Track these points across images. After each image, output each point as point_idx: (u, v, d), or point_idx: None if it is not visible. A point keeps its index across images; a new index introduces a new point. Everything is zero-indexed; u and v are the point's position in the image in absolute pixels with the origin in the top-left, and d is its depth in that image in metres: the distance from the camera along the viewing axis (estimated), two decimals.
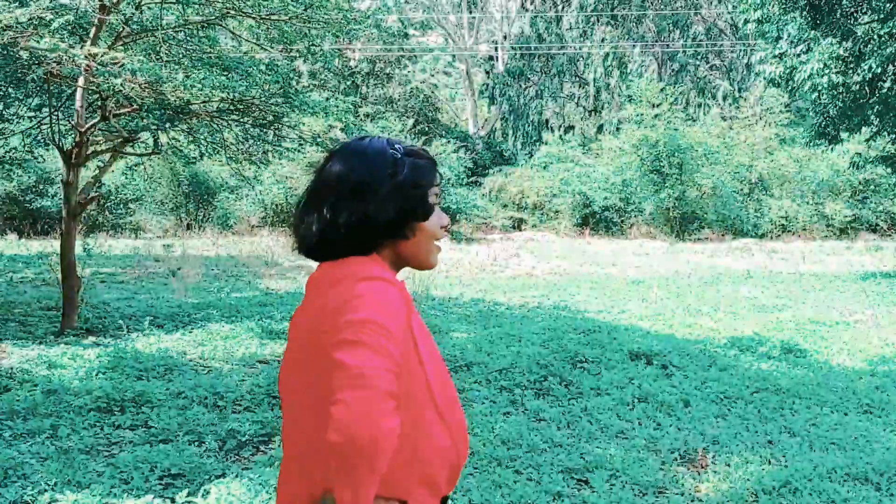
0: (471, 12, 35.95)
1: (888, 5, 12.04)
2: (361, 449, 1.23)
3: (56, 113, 7.78)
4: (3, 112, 8.22)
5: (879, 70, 12.00)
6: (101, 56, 5.81)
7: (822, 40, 12.09)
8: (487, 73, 36.32)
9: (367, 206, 1.43)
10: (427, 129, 30.62)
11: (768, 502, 3.72)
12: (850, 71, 12.15)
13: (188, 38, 7.66)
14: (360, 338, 1.30)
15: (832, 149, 21.06)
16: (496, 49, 35.71)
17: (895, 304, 10.01)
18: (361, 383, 1.26)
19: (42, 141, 8.88)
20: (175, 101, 6.58)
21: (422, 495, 1.43)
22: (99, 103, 7.33)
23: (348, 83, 28.91)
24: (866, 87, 12.53)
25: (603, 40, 32.53)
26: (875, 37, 12.16)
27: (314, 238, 1.48)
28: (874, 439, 4.57)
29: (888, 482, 3.91)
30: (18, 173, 16.59)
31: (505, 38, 35.18)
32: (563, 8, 33.97)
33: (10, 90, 7.64)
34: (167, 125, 7.12)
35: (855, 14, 12.94)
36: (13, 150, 9.76)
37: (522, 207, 26.71)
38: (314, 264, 1.54)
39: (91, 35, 6.53)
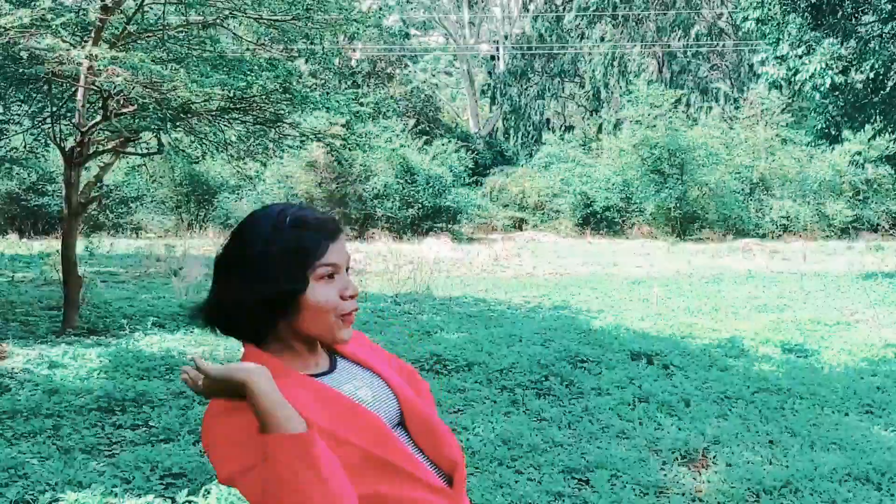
0: (471, 9, 35.94)
1: (889, 6, 12.03)
2: None
3: (57, 113, 7.79)
4: (4, 112, 8.24)
5: (882, 70, 11.99)
6: (103, 56, 5.82)
7: (824, 40, 12.08)
8: (489, 72, 36.33)
9: (235, 285, 1.38)
10: (428, 128, 30.64)
11: (769, 502, 3.72)
12: (853, 70, 12.14)
13: (189, 37, 7.67)
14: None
15: (833, 149, 21.04)
16: (497, 49, 35.72)
17: None
18: None
19: (43, 140, 8.90)
20: (176, 100, 6.58)
21: None
22: (100, 103, 7.34)
23: (349, 83, 28.92)
24: (869, 87, 12.51)
25: (602, 39, 32.52)
26: (876, 37, 12.15)
27: (206, 316, 1.45)
28: (875, 439, 4.57)
29: (889, 482, 3.91)
30: (18, 171, 16.62)
31: (506, 37, 35.19)
32: (564, 8, 33.95)
33: (11, 90, 7.66)
34: (168, 125, 7.13)
35: (856, 15, 12.92)
36: (14, 150, 9.79)
37: (523, 207, 26.71)
38: None
39: (93, 35, 6.54)
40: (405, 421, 1.49)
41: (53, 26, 5.61)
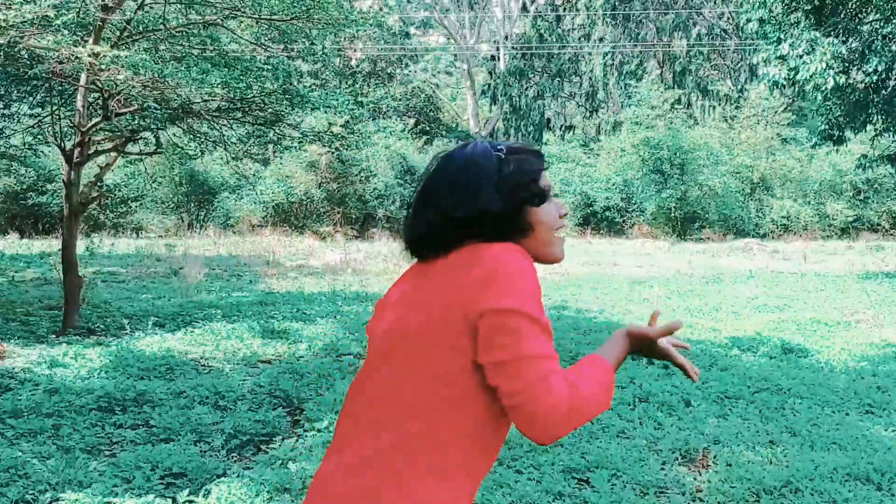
0: (472, 9, 35.94)
1: (892, 5, 12.02)
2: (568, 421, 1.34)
3: (57, 112, 7.80)
4: (5, 111, 8.24)
5: (883, 70, 12.00)
6: (104, 56, 5.83)
7: (825, 40, 12.08)
8: (490, 72, 36.32)
9: (481, 200, 1.44)
10: (428, 128, 30.64)
11: (769, 502, 3.72)
12: (855, 69, 12.14)
13: (189, 37, 7.68)
14: (518, 337, 1.33)
15: (837, 150, 21.05)
16: (497, 49, 35.71)
17: None
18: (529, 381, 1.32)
19: (44, 139, 8.90)
20: (176, 98, 6.59)
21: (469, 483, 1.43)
22: (100, 102, 7.34)
23: (349, 83, 28.93)
24: (870, 87, 12.51)
25: (601, 39, 32.51)
26: (879, 37, 12.15)
27: (426, 233, 1.50)
28: (875, 439, 4.57)
29: (889, 482, 3.91)
30: (16, 167, 16.62)
31: (506, 37, 35.17)
32: (564, 8, 33.96)
33: (11, 89, 7.66)
34: (168, 125, 7.14)
35: (859, 15, 12.92)
36: (14, 148, 9.80)
37: None
38: (316, 264, 1.53)
39: (93, 35, 6.54)
40: None
41: (56, 24, 5.62)
